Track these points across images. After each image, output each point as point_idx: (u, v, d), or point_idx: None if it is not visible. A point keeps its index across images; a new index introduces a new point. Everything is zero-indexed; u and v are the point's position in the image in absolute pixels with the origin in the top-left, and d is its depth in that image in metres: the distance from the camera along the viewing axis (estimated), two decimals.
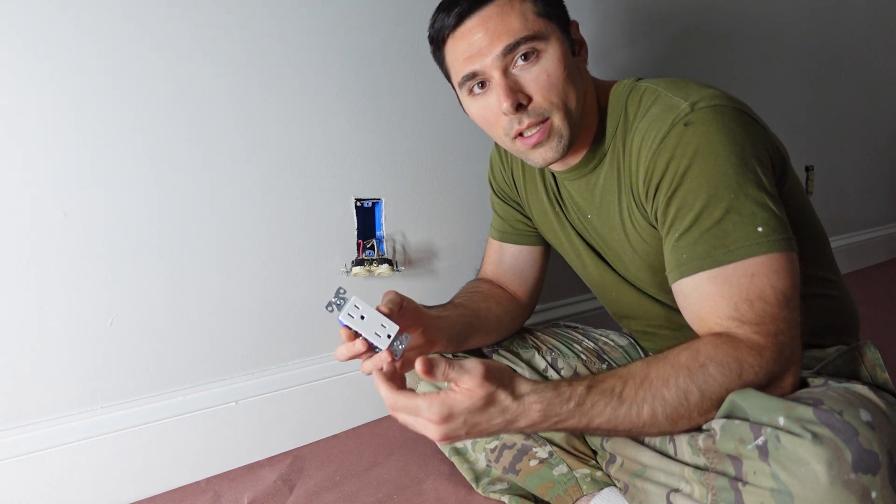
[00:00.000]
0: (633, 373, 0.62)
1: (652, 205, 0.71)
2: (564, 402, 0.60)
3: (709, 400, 0.60)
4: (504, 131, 0.74)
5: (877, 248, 2.18)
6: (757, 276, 0.62)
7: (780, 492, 0.51)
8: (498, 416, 0.59)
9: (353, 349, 0.67)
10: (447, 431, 0.59)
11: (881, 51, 2.05)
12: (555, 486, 0.80)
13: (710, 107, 0.67)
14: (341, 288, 0.68)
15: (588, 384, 0.61)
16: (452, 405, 0.58)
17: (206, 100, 0.93)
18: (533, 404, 0.59)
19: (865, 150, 2.09)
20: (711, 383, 0.59)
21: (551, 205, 0.91)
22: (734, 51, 1.64)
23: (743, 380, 0.59)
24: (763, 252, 0.62)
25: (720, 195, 0.64)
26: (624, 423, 0.60)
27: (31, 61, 0.81)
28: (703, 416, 0.61)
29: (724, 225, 0.63)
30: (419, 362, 0.59)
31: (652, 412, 0.60)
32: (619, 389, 0.61)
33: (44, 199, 0.84)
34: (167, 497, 0.95)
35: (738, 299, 0.62)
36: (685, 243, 0.66)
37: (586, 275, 0.96)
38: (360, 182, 1.09)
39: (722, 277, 0.63)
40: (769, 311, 0.61)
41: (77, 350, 0.88)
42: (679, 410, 0.60)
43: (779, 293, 0.61)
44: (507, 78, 0.71)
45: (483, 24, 0.70)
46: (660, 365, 0.61)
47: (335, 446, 1.07)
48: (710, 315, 0.63)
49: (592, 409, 0.60)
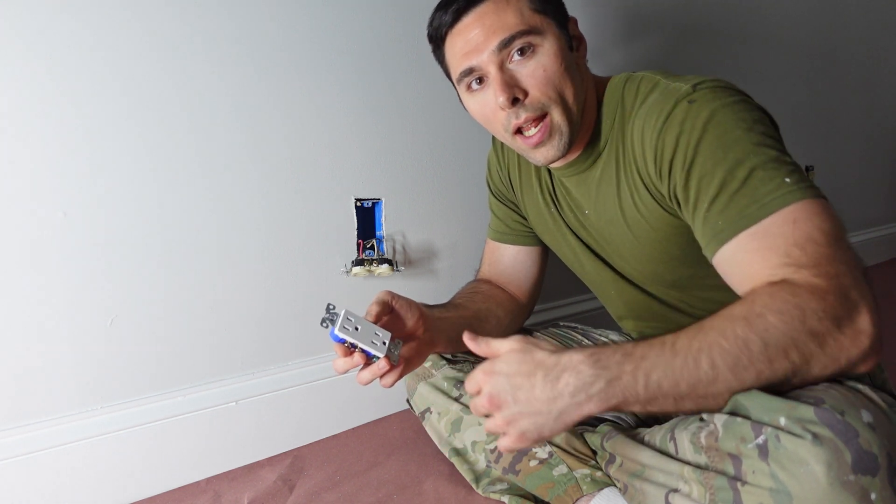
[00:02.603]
0: (685, 329, 0.57)
1: (668, 183, 0.69)
2: (610, 353, 0.56)
3: (773, 349, 0.54)
4: (503, 126, 0.75)
5: (877, 248, 2.18)
6: (799, 220, 0.58)
7: (778, 492, 0.51)
8: (538, 373, 0.57)
9: (353, 362, 0.68)
10: (491, 390, 0.60)
11: (881, 50, 2.05)
12: (555, 486, 0.80)
13: (712, 87, 0.67)
14: (330, 304, 0.69)
15: (634, 341, 0.58)
16: (493, 363, 0.61)
17: (207, 100, 0.93)
18: (573, 355, 0.57)
19: (865, 150, 2.09)
20: (773, 332, 0.54)
21: (546, 205, 0.91)
22: (733, 50, 1.64)
23: (807, 326, 0.54)
24: (798, 199, 0.59)
25: (740, 157, 0.62)
26: (683, 377, 0.54)
27: (32, 61, 0.81)
28: (770, 367, 0.54)
29: (752, 182, 0.61)
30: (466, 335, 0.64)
31: (711, 362, 0.54)
32: (670, 341, 0.56)
33: (44, 199, 0.84)
34: (167, 497, 0.95)
35: (787, 245, 0.58)
36: (716, 211, 0.63)
37: (584, 274, 0.96)
38: (360, 182, 1.09)
39: (763, 231, 0.59)
40: (824, 252, 0.57)
41: (77, 350, 0.88)
42: (741, 360, 0.54)
43: (827, 233, 0.58)
44: (503, 73, 0.71)
45: (479, 21, 0.71)
46: (713, 319, 0.57)
47: (335, 446, 1.07)
48: (762, 269, 0.59)
49: (644, 361, 0.55)
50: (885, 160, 2.17)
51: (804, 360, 0.55)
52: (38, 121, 0.82)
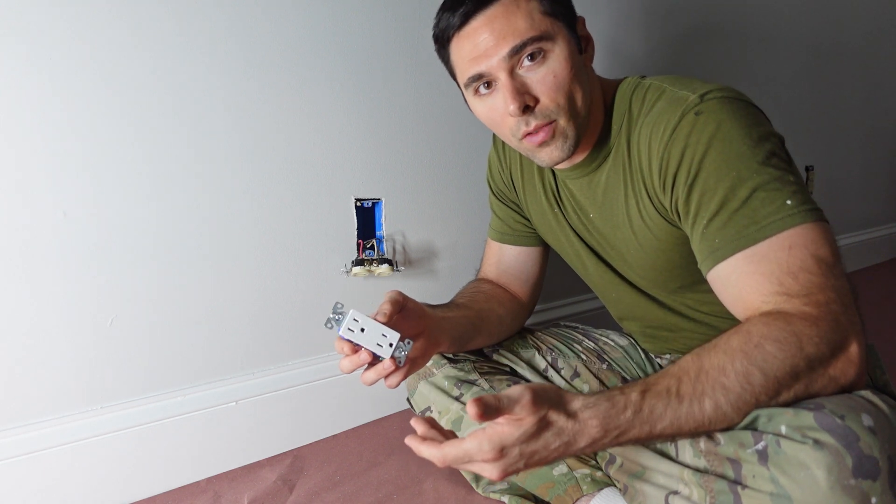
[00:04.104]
0: (686, 368, 0.58)
1: (671, 196, 0.69)
2: (621, 411, 0.56)
3: (774, 379, 0.55)
4: (511, 132, 0.74)
5: (877, 248, 2.18)
6: (795, 247, 0.59)
7: (779, 496, 0.51)
8: (555, 440, 0.56)
9: (358, 361, 0.67)
10: (504, 467, 0.55)
11: (882, 50, 2.04)
12: (555, 486, 0.80)
13: (718, 97, 0.66)
14: (338, 303, 0.68)
15: (641, 389, 0.58)
16: (503, 439, 0.54)
17: (205, 100, 0.93)
18: (589, 420, 0.56)
19: (865, 150, 2.09)
20: (772, 361, 0.55)
21: (550, 206, 0.91)
22: (735, 50, 1.64)
23: (805, 353, 0.55)
24: (797, 223, 0.60)
25: (742, 175, 0.62)
26: (688, 423, 0.56)
27: (31, 61, 0.80)
28: (772, 398, 0.56)
29: (752, 203, 0.61)
30: (471, 405, 0.52)
31: (715, 404, 0.56)
32: (675, 388, 0.57)
33: (43, 199, 0.83)
34: (167, 497, 0.95)
35: (781, 273, 0.59)
36: (714, 228, 0.64)
37: (587, 275, 0.95)
38: (360, 182, 1.08)
39: (759, 255, 0.60)
40: (815, 281, 0.58)
41: (77, 350, 0.88)
42: (744, 396, 0.56)
43: (821, 262, 0.59)
44: (513, 79, 0.70)
45: (489, 25, 0.69)
46: (712, 354, 0.58)
47: (335, 446, 1.07)
48: (754, 295, 0.60)
49: (652, 415, 0.56)
50: (885, 160, 2.17)
51: (805, 386, 0.56)
52: (38, 121, 0.82)
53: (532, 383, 0.59)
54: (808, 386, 0.56)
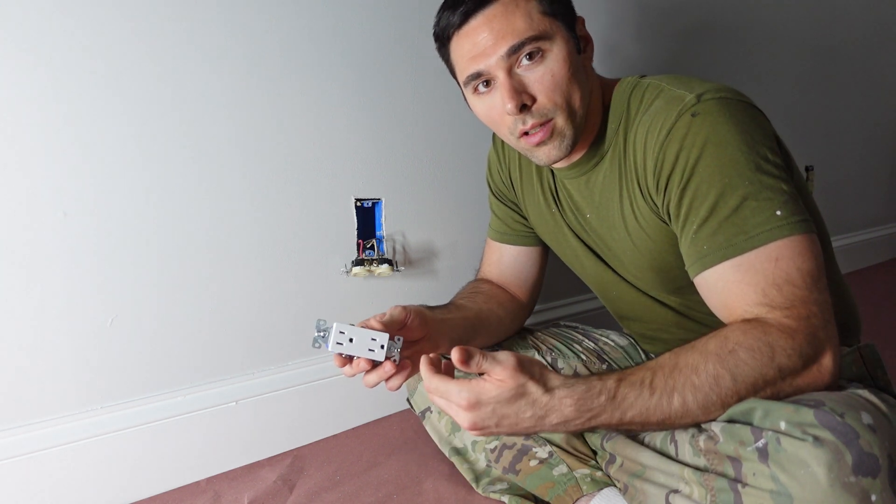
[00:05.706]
0: (662, 364, 0.61)
1: (664, 198, 0.70)
2: (595, 396, 0.59)
3: (742, 385, 0.58)
4: (509, 130, 0.75)
5: (877, 248, 2.18)
6: (781, 259, 0.61)
7: (779, 493, 0.51)
8: (528, 409, 0.59)
9: (359, 367, 0.69)
10: (475, 419, 0.59)
11: (881, 50, 2.05)
12: (555, 486, 0.80)
13: (716, 98, 0.66)
14: (320, 319, 0.69)
15: (618, 377, 0.61)
16: (480, 392, 0.59)
17: (205, 100, 0.93)
18: (564, 398, 0.59)
19: (865, 150, 2.09)
20: (743, 368, 0.58)
21: (548, 206, 0.91)
22: (735, 50, 1.64)
23: (776, 363, 0.58)
24: (785, 235, 0.61)
25: (734, 183, 0.63)
26: (655, 414, 0.59)
27: (32, 61, 0.81)
28: (738, 401, 0.59)
29: (743, 212, 0.63)
30: (456, 351, 0.59)
31: (683, 401, 0.59)
32: (648, 380, 0.60)
33: (44, 199, 0.83)
34: (167, 497, 0.95)
35: (766, 284, 0.61)
36: (704, 234, 0.65)
37: (585, 275, 0.95)
38: (360, 182, 1.08)
39: (746, 264, 0.62)
40: (798, 294, 0.60)
41: (77, 350, 0.88)
42: (710, 397, 0.59)
43: (805, 275, 0.61)
44: (511, 78, 0.70)
45: (488, 24, 0.70)
46: (688, 353, 0.61)
47: (335, 446, 1.07)
48: (739, 303, 0.63)
49: (623, 402, 0.59)
50: (884, 160, 2.17)
51: (772, 394, 0.59)
52: (38, 121, 0.82)
53: (518, 353, 0.60)
54: (775, 395, 0.59)
